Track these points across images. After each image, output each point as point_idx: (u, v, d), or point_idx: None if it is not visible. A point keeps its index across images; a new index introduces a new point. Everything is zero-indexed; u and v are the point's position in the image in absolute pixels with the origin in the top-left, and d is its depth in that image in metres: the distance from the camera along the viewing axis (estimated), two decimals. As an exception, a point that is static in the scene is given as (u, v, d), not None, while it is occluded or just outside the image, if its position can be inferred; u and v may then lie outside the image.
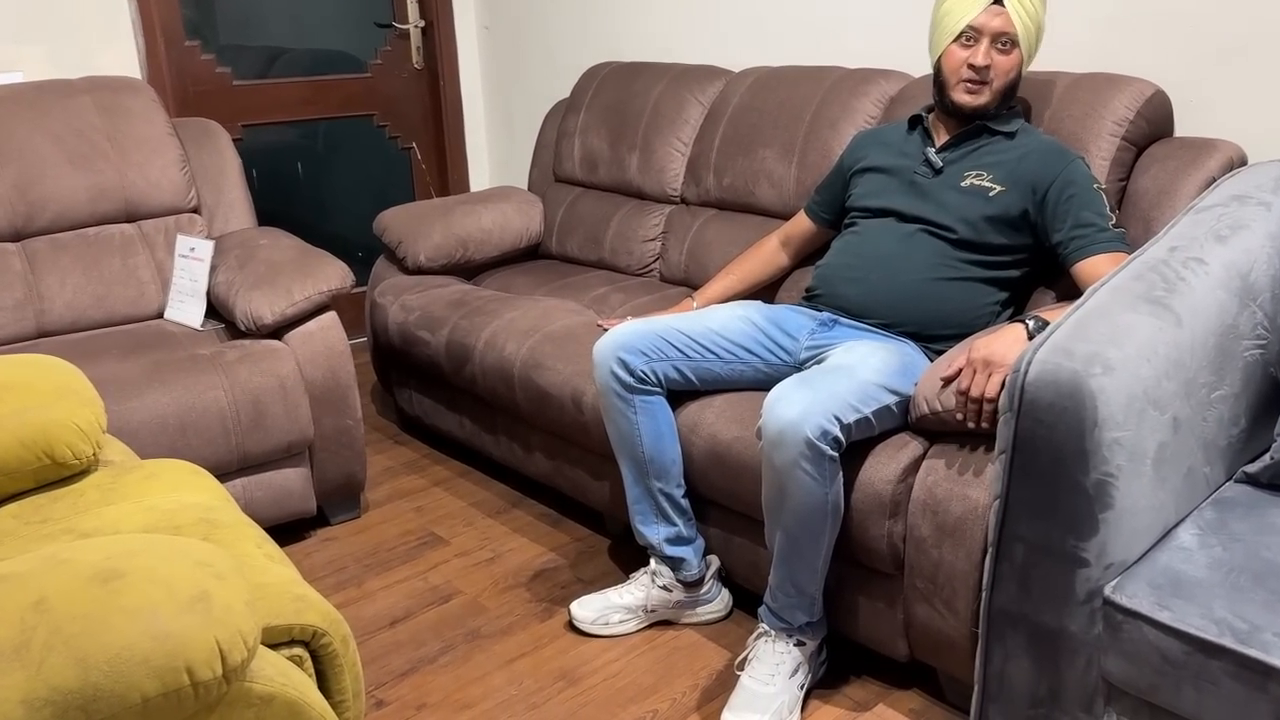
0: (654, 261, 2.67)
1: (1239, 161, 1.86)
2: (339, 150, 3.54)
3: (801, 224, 2.15)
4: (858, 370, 1.64)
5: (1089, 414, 1.22)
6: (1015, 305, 1.87)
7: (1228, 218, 1.52)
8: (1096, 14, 2.08)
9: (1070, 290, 1.80)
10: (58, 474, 1.46)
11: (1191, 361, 1.33)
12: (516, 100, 3.58)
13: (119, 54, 2.88)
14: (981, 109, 1.82)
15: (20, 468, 1.41)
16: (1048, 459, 1.25)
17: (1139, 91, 1.90)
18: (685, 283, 2.56)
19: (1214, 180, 1.79)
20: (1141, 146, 1.91)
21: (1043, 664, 1.33)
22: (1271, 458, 1.41)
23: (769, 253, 2.20)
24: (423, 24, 3.54)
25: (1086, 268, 1.72)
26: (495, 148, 3.74)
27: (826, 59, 2.55)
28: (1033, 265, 1.84)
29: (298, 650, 1.18)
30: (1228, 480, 1.46)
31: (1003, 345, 1.53)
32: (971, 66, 1.79)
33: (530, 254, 2.97)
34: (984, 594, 1.37)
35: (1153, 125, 1.91)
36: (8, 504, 1.42)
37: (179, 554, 1.00)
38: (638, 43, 3.05)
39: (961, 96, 1.82)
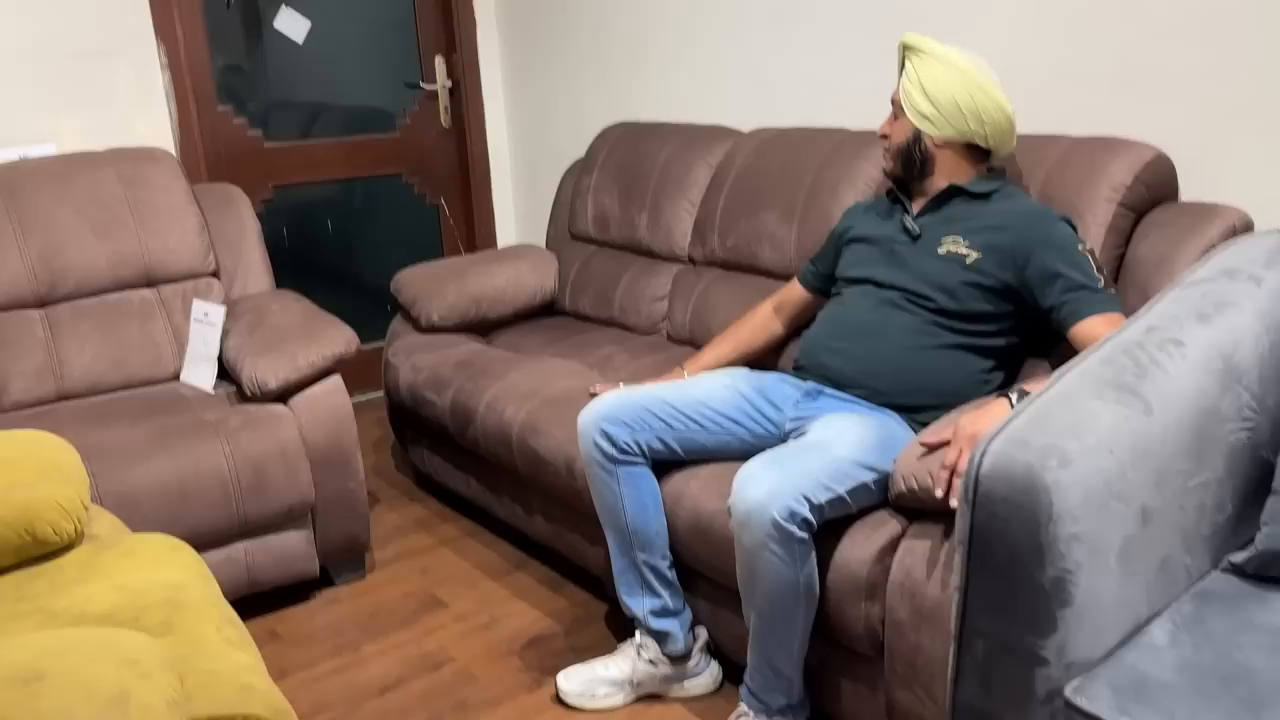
0: (662, 321, 2.67)
1: (1242, 227, 1.80)
2: (369, 208, 3.63)
3: (795, 291, 2.14)
4: (833, 446, 1.62)
5: (1043, 509, 1.18)
6: (1006, 372, 1.83)
7: (1213, 295, 1.47)
8: (1100, 75, 2.04)
9: (1067, 356, 1.75)
10: (40, 550, 1.50)
11: (1163, 450, 1.28)
12: (541, 157, 3.63)
13: (152, 122, 3.00)
14: (888, 173, 1.93)
15: (2, 546, 1.46)
16: (1004, 553, 1.22)
17: (1138, 156, 1.86)
18: (690, 343, 2.55)
19: (1214, 247, 1.74)
20: (1141, 212, 1.87)
21: (1008, 764, 1.28)
22: (1257, 547, 1.35)
23: (762, 320, 2.17)
24: (450, 84, 3.62)
25: (1083, 331, 1.68)
26: (521, 203, 3.79)
27: (833, 118, 2.54)
28: (1020, 333, 1.80)
29: (241, 739, 1.19)
30: (1214, 569, 1.40)
31: (988, 421, 1.51)
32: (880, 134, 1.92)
33: (547, 309, 3.00)
34: (949, 688, 1.32)
35: (1153, 190, 1.86)
36: (-10, 580, 1.47)
37: (107, 652, 1.02)
38: (655, 102, 3.08)
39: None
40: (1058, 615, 1.20)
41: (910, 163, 1.87)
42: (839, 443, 1.63)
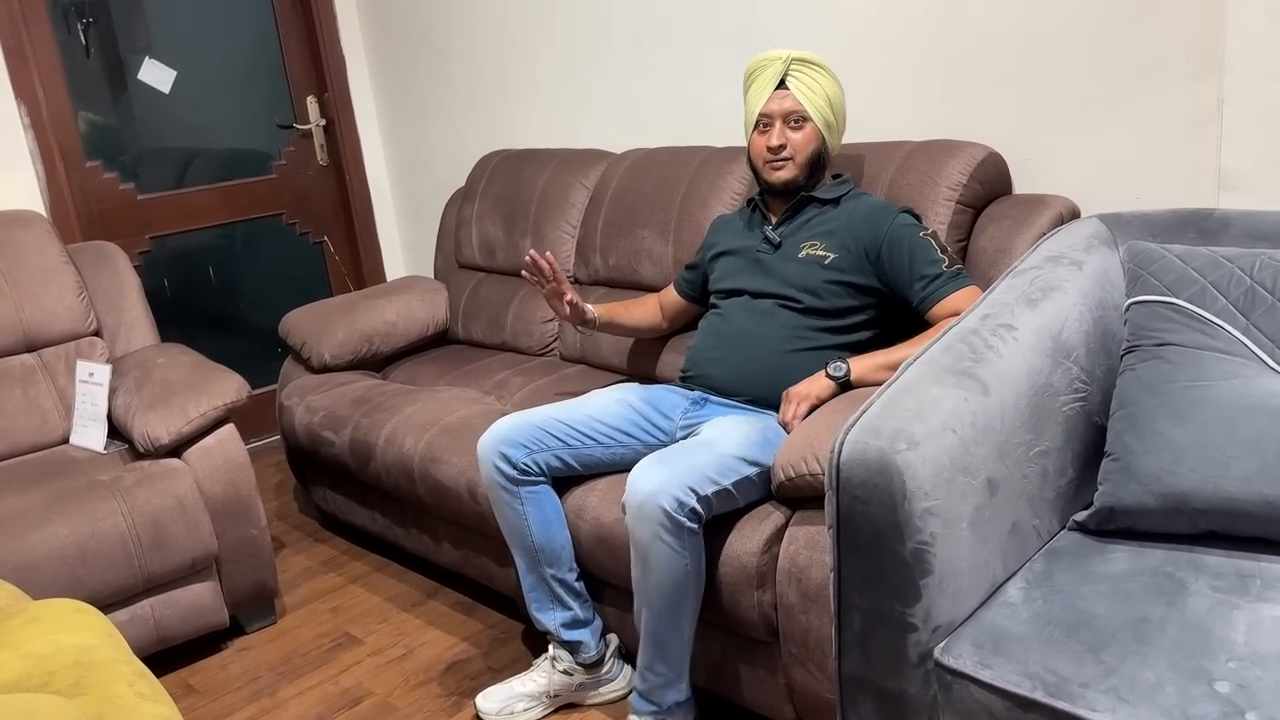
0: (553, 342, 2.75)
1: (1069, 215, 1.97)
2: (251, 251, 3.61)
3: (671, 296, 2.27)
4: (717, 444, 1.72)
5: (897, 488, 1.29)
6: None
7: (1041, 280, 1.62)
8: (933, 82, 2.20)
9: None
10: (-64, 628, 1.49)
11: (1003, 425, 1.42)
12: (422, 189, 3.67)
13: (19, 182, 2.94)
14: (791, 182, 1.96)
15: (-104, 627, 1.45)
16: (868, 532, 1.33)
17: (971, 155, 2.02)
18: (582, 361, 2.63)
19: (1044, 235, 1.90)
20: (979, 208, 2.03)
21: (891, 726, 1.39)
22: (1095, 505, 1.50)
23: (651, 308, 2.33)
24: (324, 123, 3.63)
25: (939, 312, 1.85)
26: (407, 235, 3.82)
27: (698, 136, 2.66)
28: (882, 324, 1.94)
29: (161, 789, 1.22)
30: (1062, 529, 1.55)
31: (806, 384, 1.82)
32: (769, 148, 1.94)
33: (440, 339, 3.04)
34: (833, 661, 1.43)
35: (987, 186, 2.03)
36: (-114, 663, 1.45)
37: (20, 717, 1.04)
38: (530, 128, 3.16)
39: (771, 175, 1.97)
40: (920, 584, 1.32)
41: (816, 170, 1.97)
42: (723, 440, 1.73)
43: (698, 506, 1.63)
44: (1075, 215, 1.99)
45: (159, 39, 3.28)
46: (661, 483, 1.62)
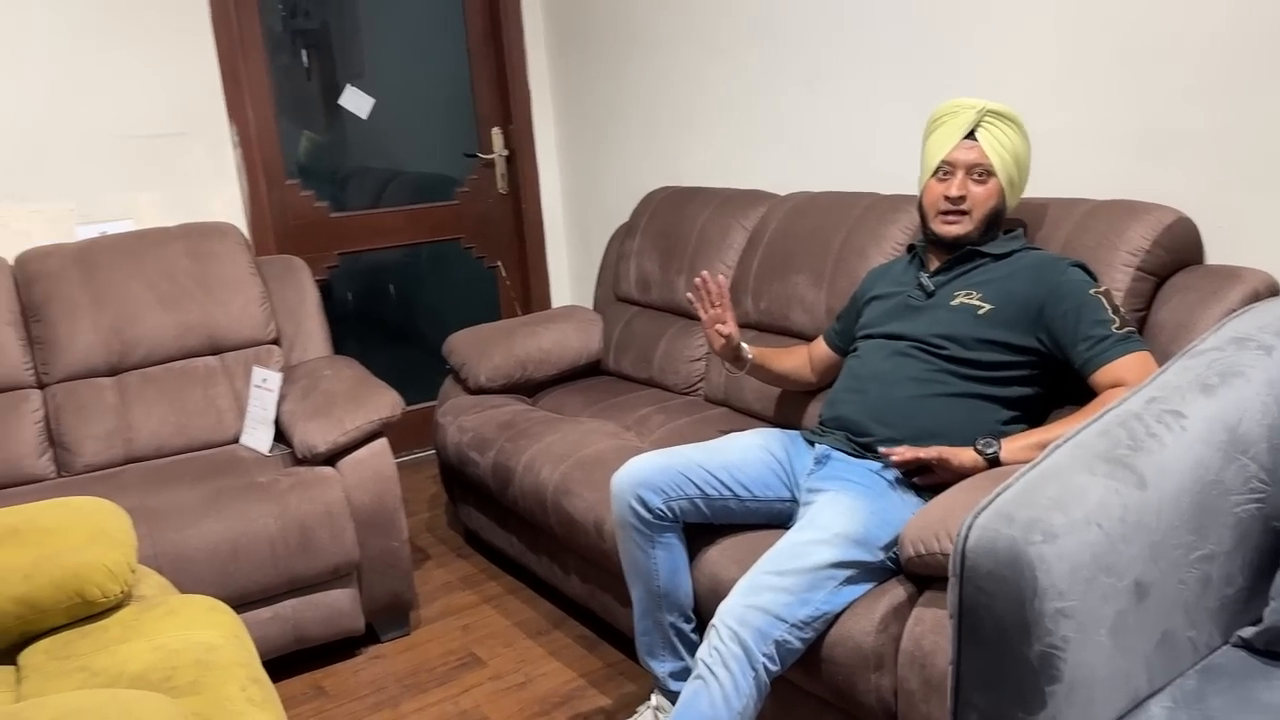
0: (699, 382, 2.72)
1: (1267, 291, 1.78)
2: (430, 271, 3.78)
3: (820, 348, 2.19)
4: (812, 555, 1.61)
5: (1027, 583, 1.18)
6: (1027, 424, 1.81)
7: (1220, 364, 1.46)
8: (1124, 138, 2.04)
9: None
10: (88, 611, 1.60)
11: (1159, 523, 1.28)
12: (593, 220, 3.73)
13: (225, 196, 3.18)
14: (963, 238, 1.86)
15: (53, 607, 1.57)
16: (991, 628, 1.22)
17: (1158, 220, 1.85)
18: (725, 404, 2.59)
19: (1233, 312, 1.72)
20: (1163, 276, 1.86)
21: (1004, 841, 1.27)
22: (1265, 622, 1.33)
23: (801, 358, 2.25)
24: (506, 153, 3.76)
25: (1103, 378, 1.70)
26: (574, 264, 3.90)
27: (863, 183, 2.57)
28: (1041, 383, 1.80)
29: (254, 797, 1.26)
30: (1225, 643, 1.38)
31: (956, 454, 1.70)
32: (947, 198, 1.84)
33: (593, 369, 3.07)
34: (946, 761, 1.33)
35: (1173, 254, 1.85)
36: (43, 639, 1.58)
37: (123, 715, 1.10)
38: (699, 165, 3.16)
39: (941, 227, 1.87)
40: (1046, 691, 1.20)
41: (991, 228, 1.87)
42: (821, 545, 1.63)
43: (792, 643, 1.59)
44: (1273, 292, 1.79)
45: (371, 67, 3.49)
46: (746, 612, 1.59)
